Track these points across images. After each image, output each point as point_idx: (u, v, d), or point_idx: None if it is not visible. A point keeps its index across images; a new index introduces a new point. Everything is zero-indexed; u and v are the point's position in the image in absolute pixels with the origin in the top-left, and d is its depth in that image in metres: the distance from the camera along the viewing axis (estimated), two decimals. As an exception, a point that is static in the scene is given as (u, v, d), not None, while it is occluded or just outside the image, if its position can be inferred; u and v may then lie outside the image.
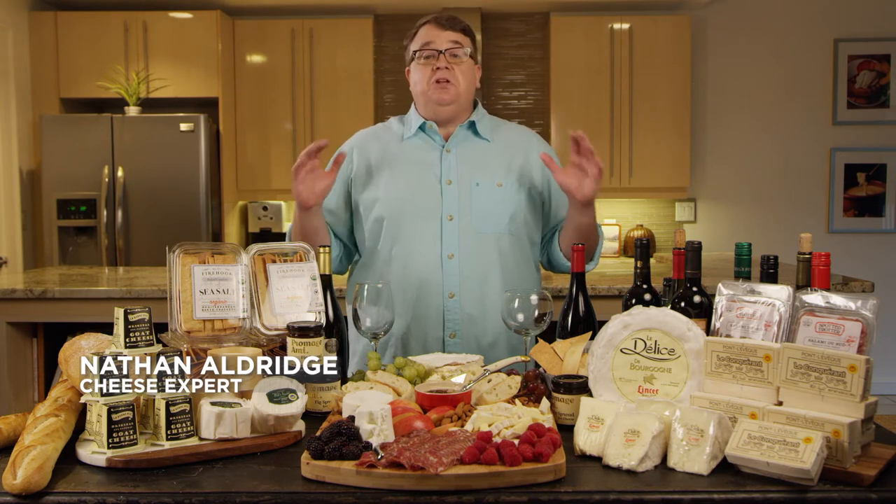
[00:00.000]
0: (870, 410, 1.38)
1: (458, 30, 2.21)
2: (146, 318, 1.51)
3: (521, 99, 5.89)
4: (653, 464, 1.38)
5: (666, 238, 5.90)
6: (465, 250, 2.17)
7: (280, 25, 5.57)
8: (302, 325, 1.72)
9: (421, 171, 2.21)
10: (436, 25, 2.21)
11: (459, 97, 2.21)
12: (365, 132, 2.37)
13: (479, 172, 2.21)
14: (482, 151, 2.25)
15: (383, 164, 2.24)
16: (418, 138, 2.27)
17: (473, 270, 2.17)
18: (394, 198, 2.20)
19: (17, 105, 5.13)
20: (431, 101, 2.21)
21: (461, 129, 2.25)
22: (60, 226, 5.11)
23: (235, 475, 1.37)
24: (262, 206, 5.79)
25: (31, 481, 1.28)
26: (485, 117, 2.31)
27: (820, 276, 1.59)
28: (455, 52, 2.20)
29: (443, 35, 2.20)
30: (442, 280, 2.17)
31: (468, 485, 1.28)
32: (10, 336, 3.34)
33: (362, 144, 2.30)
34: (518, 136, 2.33)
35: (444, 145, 2.24)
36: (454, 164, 2.22)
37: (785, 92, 5.85)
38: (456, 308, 2.17)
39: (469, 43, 2.23)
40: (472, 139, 2.27)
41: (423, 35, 2.22)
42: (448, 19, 2.22)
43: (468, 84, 2.23)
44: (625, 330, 1.57)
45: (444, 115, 2.23)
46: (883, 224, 5.87)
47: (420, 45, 2.22)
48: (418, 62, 2.23)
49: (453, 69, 2.19)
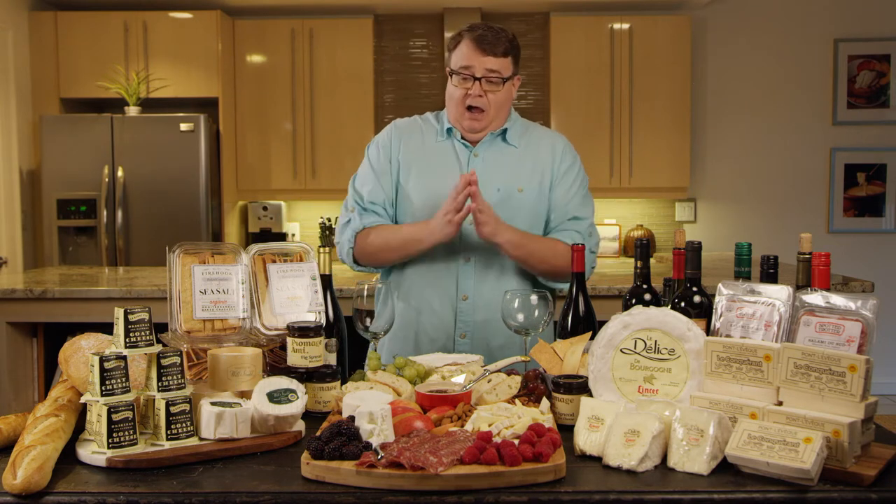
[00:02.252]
0: (870, 410, 1.38)
1: (499, 54, 2.17)
2: (146, 318, 1.51)
3: (522, 99, 5.88)
4: (653, 464, 1.38)
5: (666, 238, 5.90)
6: (482, 255, 2.20)
7: (280, 25, 5.57)
8: (302, 325, 1.72)
9: (447, 173, 2.22)
10: (477, 47, 2.17)
11: (489, 123, 2.23)
12: (407, 123, 2.35)
13: (502, 178, 2.23)
14: (508, 157, 2.26)
15: (418, 161, 2.26)
16: (449, 140, 2.29)
17: (488, 274, 2.20)
18: (421, 197, 2.22)
19: (17, 105, 5.13)
20: (462, 126, 2.24)
21: (492, 135, 2.27)
22: (60, 226, 5.10)
23: (235, 475, 1.37)
24: (262, 206, 5.79)
25: (31, 481, 1.28)
26: (517, 123, 2.31)
27: (820, 276, 1.59)
28: (491, 79, 2.17)
29: (482, 61, 2.16)
30: (457, 282, 2.20)
31: (468, 485, 1.28)
32: (10, 336, 3.34)
33: (402, 137, 2.30)
34: (546, 142, 2.32)
35: (471, 150, 2.26)
36: (479, 168, 2.22)
37: (785, 92, 5.85)
38: (469, 310, 2.20)
39: (509, 65, 2.19)
40: (499, 144, 2.28)
41: (463, 55, 2.18)
42: (491, 42, 2.16)
43: (501, 108, 2.22)
44: (625, 330, 1.57)
45: (472, 138, 2.26)
46: (883, 224, 5.86)
47: (458, 65, 2.19)
48: (454, 80, 2.21)
49: (486, 96, 2.18)
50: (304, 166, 5.60)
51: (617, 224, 5.89)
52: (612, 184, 5.57)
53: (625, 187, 5.59)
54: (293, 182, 5.61)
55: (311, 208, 5.92)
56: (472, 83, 2.17)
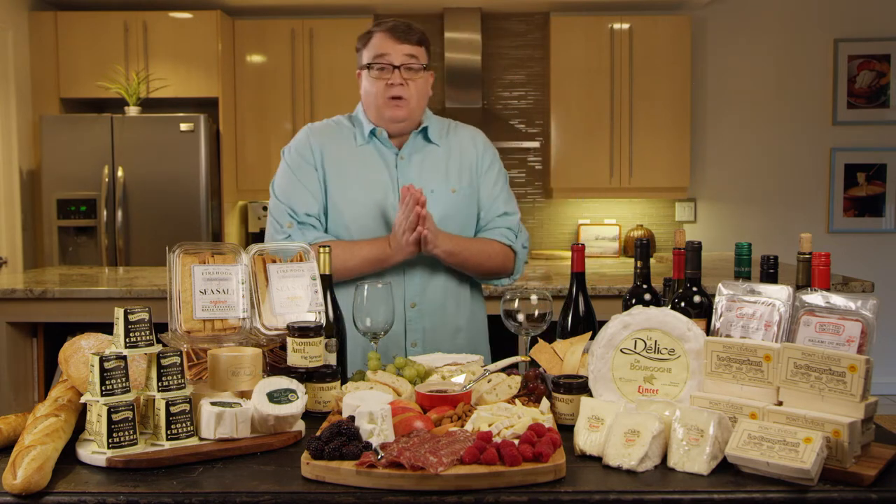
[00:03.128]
0: (870, 410, 1.38)
1: (413, 42, 2.15)
2: (146, 318, 1.51)
3: (521, 99, 5.88)
4: (653, 464, 1.38)
5: (666, 238, 5.90)
6: (426, 261, 2.17)
7: (280, 25, 5.57)
8: (302, 325, 1.72)
9: (377, 179, 2.19)
10: (391, 37, 2.15)
11: (413, 113, 2.18)
12: (322, 127, 2.28)
13: (433, 179, 2.20)
14: (435, 157, 2.24)
15: (344, 168, 2.20)
16: (371, 144, 2.23)
17: (433, 279, 2.19)
18: (354, 208, 2.17)
19: (17, 105, 5.13)
20: (384, 117, 2.18)
21: (414, 135, 2.23)
22: (60, 226, 5.11)
23: (235, 475, 1.37)
24: (262, 206, 5.79)
25: (31, 481, 1.28)
26: (434, 120, 2.28)
27: (820, 276, 1.59)
28: (410, 65, 2.15)
29: (398, 48, 2.14)
30: (403, 290, 2.17)
31: (468, 485, 1.28)
32: (10, 336, 3.34)
33: (323, 143, 2.23)
34: (468, 139, 2.30)
35: (397, 153, 2.22)
36: (408, 171, 2.20)
37: (785, 92, 5.85)
38: (417, 318, 2.19)
39: (424, 54, 2.18)
40: (424, 145, 2.25)
41: (378, 45, 2.16)
42: (404, 30, 2.15)
43: (421, 97, 2.19)
44: (625, 330, 1.57)
45: (395, 130, 2.21)
46: (883, 224, 5.87)
47: (373, 56, 2.16)
48: (371, 73, 2.18)
49: (407, 84, 2.15)
50: (304, 166, 5.59)
51: (617, 224, 5.89)
52: (611, 184, 5.57)
53: (625, 187, 5.59)
54: (293, 182, 5.60)
55: (311, 208, 5.91)
56: (392, 72, 2.14)
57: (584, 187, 5.60)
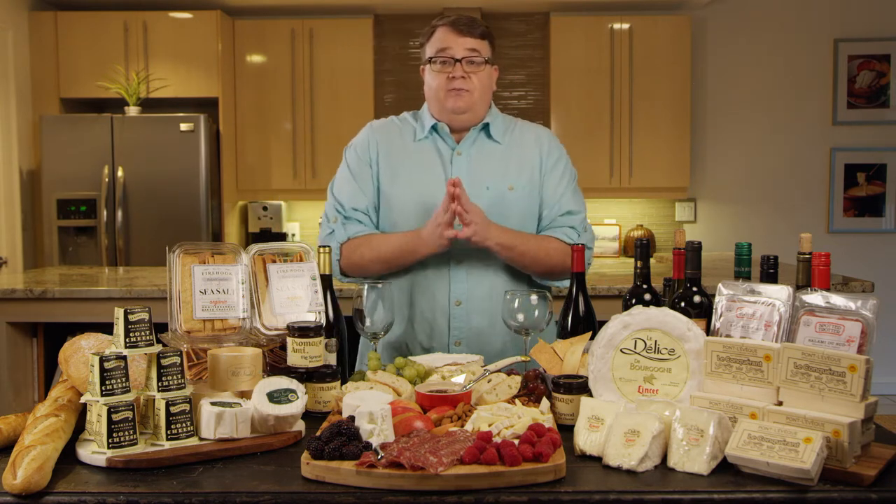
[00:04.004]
0: (870, 410, 1.38)
1: (476, 35, 2.14)
2: (146, 318, 1.51)
3: (521, 99, 5.88)
4: (653, 464, 1.38)
5: (666, 238, 5.90)
6: (474, 257, 2.13)
7: (280, 25, 5.57)
8: (302, 325, 1.72)
9: (430, 174, 2.17)
10: (453, 30, 2.14)
11: (475, 105, 2.16)
12: (383, 124, 2.29)
13: (490, 176, 2.17)
14: (494, 154, 2.20)
15: (399, 163, 2.19)
16: (430, 140, 2.22)
17: (481, 278, 2.15)
18: (405, 202, 2.16)
19: (17, 105, 5.13)
20: (446, 109, 2.16)
21: (474, 131, 2.20)
22: (60, 226, 5.10)
23: (235, 475, 1.37)
24: (262, 206, 5.79)
25: (31, 481, 1.28)
26: (498, 118, 2.25)
27: (820, 276, 1.59)
28: (472, 59, 2.14)
29: (460, 41, 2.13)
30: (449, 287, 2.14)
31: (468, 485, 1.28)
32: (10, 336, 3.33)
33: (380, 140, 2.23)
34: (532, 137, 2.26)
35: (454, 148, 2.20)
36: (464, 167, 2.17)
37: (785, 92, 5.85)
38: (462, 316, 2.15)
39: (487, 48, 2.17)
40: (483, 141, 2.22)
41: (440, 39, 2.15)
42: (466, 23, 2.15)
43: (484, 90, 2.17)
44: (625, 330, 1.57)
45: (458, 123, 2.19)
46: (883, 224, 5.86)
47: (436, 50, 2.15)
48: (433, 67, 2.16)
49: (470, 77, 2.13)
50: (304, 166, 5.60)
51: (617, 224, 5.89)
52: (611, 184, 5.57)
53: (625, 187, 5.59)
54: (293, 182, 5.61)
55: (311, 208, 5.92)
56: (454, 65, 2.13)
57: (584, 187, 5.47)
